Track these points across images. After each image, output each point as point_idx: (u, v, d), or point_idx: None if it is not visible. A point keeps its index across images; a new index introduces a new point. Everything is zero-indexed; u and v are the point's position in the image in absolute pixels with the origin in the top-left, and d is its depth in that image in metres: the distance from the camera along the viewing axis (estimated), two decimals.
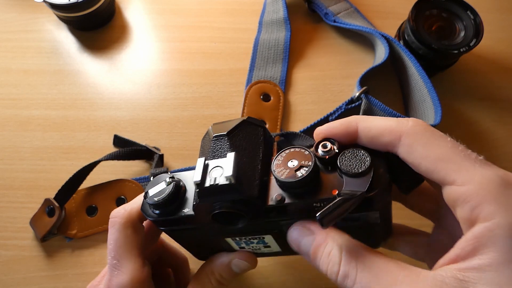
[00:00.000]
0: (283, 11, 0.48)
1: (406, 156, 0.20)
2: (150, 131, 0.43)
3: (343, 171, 0.21)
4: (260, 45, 0.47)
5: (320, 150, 0.22)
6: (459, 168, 0.19)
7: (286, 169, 0.22)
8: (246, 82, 0.45)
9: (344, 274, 0.19)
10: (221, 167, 0.22)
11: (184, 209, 0.25)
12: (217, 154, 0.23)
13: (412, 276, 0.18)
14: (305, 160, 0.22)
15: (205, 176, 0.22)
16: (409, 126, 0.20)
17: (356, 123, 0.22)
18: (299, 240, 0.22)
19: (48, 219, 0.37)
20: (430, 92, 0.40)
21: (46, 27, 0.49)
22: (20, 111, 0.44)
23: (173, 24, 0.50)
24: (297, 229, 0.22)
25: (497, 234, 0.17)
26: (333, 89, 0.45)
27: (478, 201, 0.18)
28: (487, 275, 0.17)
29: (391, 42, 0.44)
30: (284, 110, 0.44)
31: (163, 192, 0.25)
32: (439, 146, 0.20)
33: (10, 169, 0.41)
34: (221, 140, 0.24)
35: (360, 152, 0.21)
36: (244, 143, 0.24)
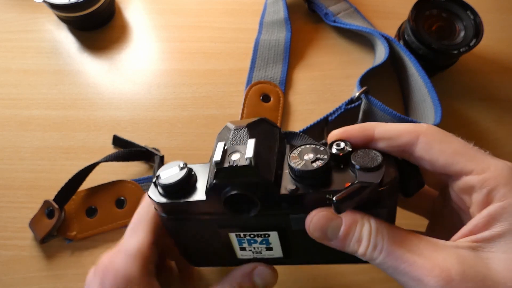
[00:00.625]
0: (284, 12, 0.48)
1: (425, 153, 0.23)
2: (150, 131, 0.43)
3: (356, 166, 0.22)
4: (260, 45, 0.47)
5: (334, 148, 0.24)
6: (475, 160, 0.22)
7: (301, 160, 0.23)
8: (246, 82, 0.45)
9: (374, 246, 0.21)
10: (241, 152, 0.23)
11: (195, 196, 0.25)
12: (237, 141, 0.24)
13: (431, 245, 0.21)
14: (321, 154, 0.23)
15: (224, 157, 0.23)
16: (425, 127, 0.23)
17: (373, 127, 0.24)
18: (327, 225, 0.23)
19: (47, 220, 0.37)
20: (430, 92, 0.40)
21: (46, 27, 0.49)
22: (20, 111, 0.44)
23: (173, 24, 0.50)
24: (323, 215, 0.23)
25: (507, 211, 0.20)
26: (333, 89, 0.45)
27: (494, 185, 0.20)
28: (497, 244, 0.19)
29: (391, 42, 0.44)
30: (284, 111, 0.44)
31: (176, 175, 0.25)
32: (454, 143, 0.22)
33: (10, 169, 0.41)
34: (241, 131, 0.25)
35: (372, 152, 0.23)
36: (262, 136, 0.25)
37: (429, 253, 0.20)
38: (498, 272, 0.19)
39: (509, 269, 0.19)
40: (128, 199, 0.39)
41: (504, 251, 0.19)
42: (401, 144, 0.23)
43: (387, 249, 0.21)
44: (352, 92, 0.44)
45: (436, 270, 0.19)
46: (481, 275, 0.19)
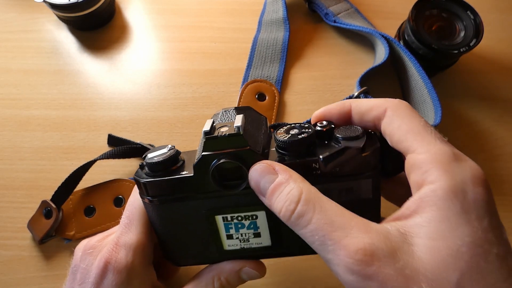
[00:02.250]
0: (283, 11, 0.48)
1: (386, 127, 0.23)
2: (150, 131, 0.43)
3: (339, 137, 0.23)
4: (258, 44, 0.47)
5: (317, 126, 0.25)
6: (422, 141, 0.21)
7: (288, 135, 0.24)
8: (243, 80, 0.45)
9: (299, 214, 0.21)
10: (229, 126, 0.24)
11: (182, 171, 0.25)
12: (226, 119, 0.25)
13: (362, 225, 0.20)
14: (305, 129, 0.24)
15: (213, 129, 0.24)
16: (394, 102, 0.24)
17: (349, 103, 0.25)
18: (260, 178, 0.22)
19: (45, 221, 0.37)
20: (430, 93, 0.40)
21: (46, 27, 0.49)
22: (20, 111, 0.44)
23: (173, 24, 0.50)
24: (260, 167, 0.23)
25: (438, 195, 0.19)
26: (333, 89, 0.45)
27: (428, 167, 0.20)
28: (424, 230, 0.19)
29: (391, 42, 0.44)
30: (279, 110, 0.44)
31: (163, 154, 0.25)
32: (413, 122, 0.22)
33: (10, 169, 0.41)
34: (229, 111, 0.25)
35: (353, 126, 0.24)
36: (249, 118, 0.25)
37: (357, 234, 0.19)
38: (421, 260, 0.18)
39: (433, 258, 0.18)
40: (126, 198, 0.39)
41: (429, 237, 0.19)
42: (371, 119, 0.24)
43: (316, 222, 0.20)
44: (352, 92, 0.44)
45: (359, 254, 0.19)
46: (403, 260, 0.18)
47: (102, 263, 0.26)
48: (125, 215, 0.28)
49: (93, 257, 0.27)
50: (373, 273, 0.18)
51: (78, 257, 0.27)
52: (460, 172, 0.20)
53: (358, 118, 0.25)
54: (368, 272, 0.18)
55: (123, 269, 0.25)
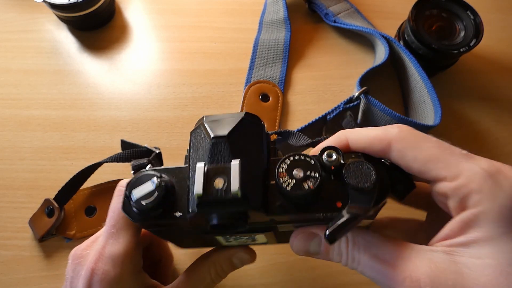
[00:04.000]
0: (284, 11, 0.48)
1: (399, 160, 0.22)
2: (150, 131, 0.43)
3: (349, 185, 0.21)
4: (260, 45, 0.47)
5: (325, 160, 0.22)
6: (447, 166, 0.21)
7: (291, 179, 0.21)
8: (245, 82, 0.45)
9: (351, 258, 0.22)
10: (225, 177, 0.21)
11: (176, 212, 0.23)
12: (218, 158, 0.22)
13: (406, 252, 0.21)
14: (311, 171, 0.22)
15: (207, 187, 0.21)
16: (395, 133, 0.22)
17: (345, 136, 0.24)
18: (307, 245, 0.24)
19: (47, 219, 0.37)
20: (430, 93, 0.40)
21: (46, 27, 0.49)
22: (20, 111, 0.44)
23: (173, 24, 0.50)
24: (302, 237, 0.24)
25: (480, 218, 0.20)
26: (333, 89, 0.45)
27: (466, 193, 0.20)
28: (470, 249, 0.19)
29: (391, 42, 0.44)
30: (283, 111, 0.44)
31: (151, 194, 0.22)
32: (427, 148, 0.22)
33: (10, 169, 0.41)
34: (221, 143, 0.22)
35: (364, 166, 0.22)
36: (245, 145, 0.23)
37: (401, 262, 0.20)
38: (471, 277, 0.19)
39: (482, 274, 0.19)
40: None
41: (478, 257, 0.19)
42: (375, 152, 0.23)
43: (363, 261, 0.22)
44: (352, 92, 0.44)
45: (407, 281, 0.19)
46: (452, 280, 0.19)
47: (89, 274, 0.25)
48: (110, 224, 0.26)
49: (81, 267, 0.26)
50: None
51: (69, 265, 0.27)
52: (498, 189, 0.20)
53: (359, 150, 0.24)
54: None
55: (111, 281, 0.25)
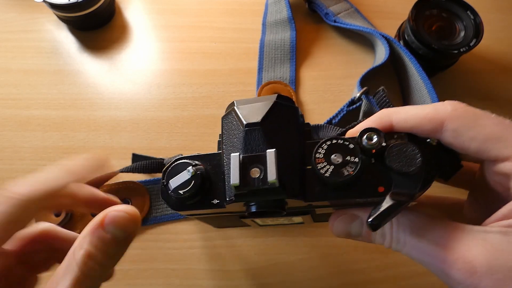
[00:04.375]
0: (287, 11, 0.48)
1: (453, 141, 0.21)
2: (150, 131, 0.43)
3: (392, 169, 0.20)
4: (266, 46, 0.47)
5: (365, 143, 0.21)
6: (511, 145, 0.19)
7: (329, 164, 0.21)
8: (257, 83, 0.45)
9: (396, 240, 0.21)
10: (261, 167, 0.21)
11: (213, 200, 0.23)
12: (253, 148, 0.21)
13: (457, 233, 0.19)
14: (351, 156, 0.21)
15: (243, 177, 0.21)
16: (449, 110, 0.21)
17: (389, 116, 0.22)
18: (348, 227, 0.23)
19: (53, 218, 0.37)
20: (430, 93, 0.40)
21: (46, 27, 0.49)
22: (20, 111, 0.44)
23: (173, 24, 0.50)
24: (343, 219, 0.23)
25: None
26: (333, 89, 0.45)
27: None
28: None
29: (391, 42, 0.44)
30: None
31: (188, 183, 0.22)
32: (486, 126, 0.20)
33: (10, 169, 0.41)
34: (255, 131, 0.22)
35: (409, 148, 0.20)
36: (279, 131, 0.22)
37: (453, 243, 0.19)
38: None
39: None
40: (133, 201, 0.39)
41: None
42: (424, 133, 0.21)
43: (409, 242, 0.20)
44: (352, 92, 0.44)
45: (459, 263, 0.18)
46: (510, 261, 0.18)
47: None
48: None
49: None
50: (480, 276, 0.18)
51: None
52: None
53: (405, 131, 0.22)
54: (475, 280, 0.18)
55: None
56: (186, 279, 0.37)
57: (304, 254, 0.38)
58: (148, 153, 0.41)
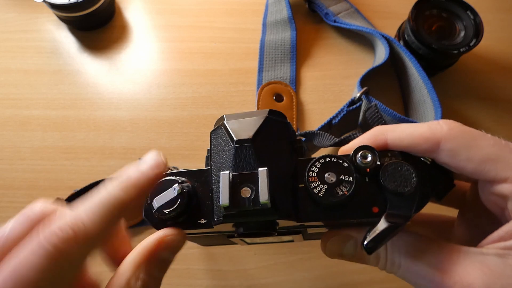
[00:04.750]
0: (287, 11, 0.48)
1: (449, 161, 0.20)
2: (150, 131, 0.43)
3: (387, 189, 0.20)
4: (266, 46, 0.47)
5: (359, 161, 0.20)
6: (508, 166, 0.19)
7: (322, 184, 0.20)
8: (257, 84, 0.45)
9: (391, 263, 0.21)
10: (252, 187, 0.20)
11: (200, 219, 0.22)
12: (243, 166, 0.20)
13: (453, 255, 0.19)
14: (345, 175, 0.20)
15: (233, 196, 0.20)
16: (445, 130, 0.20)
17: (383, 134, 0.22)
18: (341, 248, 0.22)
19: None
20: (430, 93, 0.40)
21: (46, 27, 0.49)
22: (20, 111, 0.44)
23: (173, 24, 0.50)
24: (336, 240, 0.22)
25: None
26: (333, 89, 0.45)
27: None
28: None
29: (391, 42, 0.44)
30: (298, 110, 0.44)
31: (173, 202, 0.21)
32: (483, 147, 0.20)
33: (10, 169, 0.41)
34: (246, 148, 0.21)
35: (404, 167, 0.20)
36: (271, 148, 0.21)
37: (449, 266, 0.19)
38: None
39: None
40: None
41: None
42: (419, 152, 0.21)
43: (404, 265, 0.20)
44: (352, 93, 0.44)
45: (457, 287, 0.18)
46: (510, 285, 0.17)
47: None
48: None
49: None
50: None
51: None
52: None
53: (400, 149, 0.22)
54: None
55: None
56: (186, 279, 0.37)
57: (304, 254, 0.38)
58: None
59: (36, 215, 0.18)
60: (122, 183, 0.19)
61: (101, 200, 0.18)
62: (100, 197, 0.18)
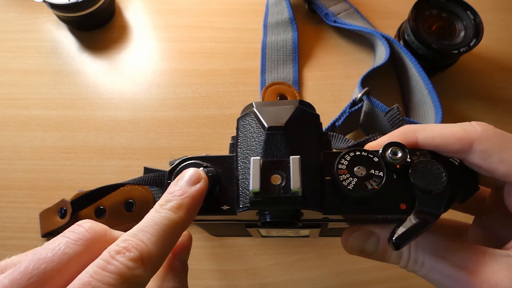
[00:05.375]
0: (288, 12, 0.48)
1: (481, 162, 0.20)
2: (150, 131, 0.43)
3: (417, 187, 0.19)
4: (268, 47, 0.47)
5: (389, 157, 0.20)
6: None
7: (352, 177, 0.20)
8: (260, 85, 0.45)
9: (414, 261, 0.20)
10: (283, 174, 0.19)
11: (223, 206, 0.21)
12: (274, 153, 0.20)
13: (479, 256, 0.19)
14: (375, 170, 0.20)
15: (264, 183, 0.19)
16: (479, 131, 0.20)
17: (414, 133, 0.22)
18: (363, 244, 0.22)
19: (58, 219, 0.37)
20: (431, 93, 0.40)
21: (46, 27, 0.49)
22: (20, 111, 0.44)
23: (173, 24, 0.50)
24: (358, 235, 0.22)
25: None
26: (333, 89, 0.45)
27: None
28: None
29: (391, 42, 0.44)
30: None
31: None
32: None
33: (10, 169, 0.41)
34: (278, 135, 0.20)
35: (434, 166, 0.20)
36: (301, 137, 0.21)
37: (476, 267, 0.19)
38: None
39: None
40: (137, 203, 0.39)
41: None
42: (451, 152, 0.21)
43: (429, 263, 0.20)
44: (353, 93, 0.44)
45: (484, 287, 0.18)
46: None
47: None
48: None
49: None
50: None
51: None
52: None
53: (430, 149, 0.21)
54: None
55: None
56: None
57: (304, 254, 0.38)
58: (149, 153, 0.41)
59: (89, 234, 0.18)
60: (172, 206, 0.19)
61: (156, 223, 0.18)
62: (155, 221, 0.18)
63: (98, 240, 0.18)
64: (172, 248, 0.19)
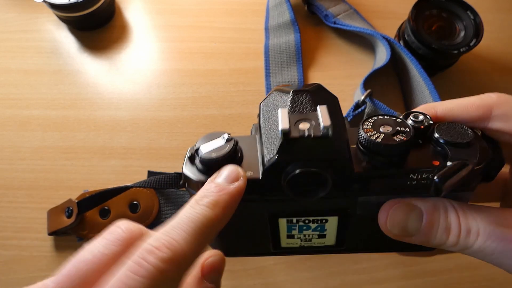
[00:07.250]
0: (289, 13, 0.48)
1: (503, 126, 0.20)
2: (150, 131, 0.43)
3: (446, 141, 0.19)
4: (271, 50, 0.47)
5: (410, 121, 0.20)
6: None
7: (378, 133, 0.19)
8: (265, 89, 0.45)
9: (466, 231, 0.19)
10: (311, 122, 0.18)
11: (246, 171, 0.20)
12: (301, 108, 0.19)
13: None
14: (401, 127, 0.19)
15: (293, 126, 0.18)
16: (495, 98, 0.21)
17: (433, 107, 0.22)
18: (406, 218, 0.20)
19: (65, 219, 0.36)
20: (432, 94, 0.40)
21: (46, 27, 0.49)
22: (20, 111, 0.44)
23: (173, 24, 0.50)
24: (400, 208, 0.20)
25: None
26: (334, 90, 0.45)
27: None
28: None
29: (392, 43, 0.44)
30: None
31: (222, 148, 0.20)
32: None
33: (10, 169, 0.41)
34: (302, 95, 0.20)
35: (457, 126, 0.20)
36: (327, 101, 0.20)
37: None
38: None
39: None
40: (142, 204, 0.39)
41: None
42: (470, 121, 0.21)
43: (484, 230, 0.18)
44: (353, 94, 0.44)
45: None
46: None
47: None
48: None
49: None
50: None
51: None
52: None
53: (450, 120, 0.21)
54: None
55: None
56: None
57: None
58: (149, 153, 0.41)
59: (126, 234, 0.18)
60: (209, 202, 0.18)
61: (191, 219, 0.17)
62: (190, 217, 0.18)
63: (135, 239, 0.18)
64: (204, 248, 0.18)
